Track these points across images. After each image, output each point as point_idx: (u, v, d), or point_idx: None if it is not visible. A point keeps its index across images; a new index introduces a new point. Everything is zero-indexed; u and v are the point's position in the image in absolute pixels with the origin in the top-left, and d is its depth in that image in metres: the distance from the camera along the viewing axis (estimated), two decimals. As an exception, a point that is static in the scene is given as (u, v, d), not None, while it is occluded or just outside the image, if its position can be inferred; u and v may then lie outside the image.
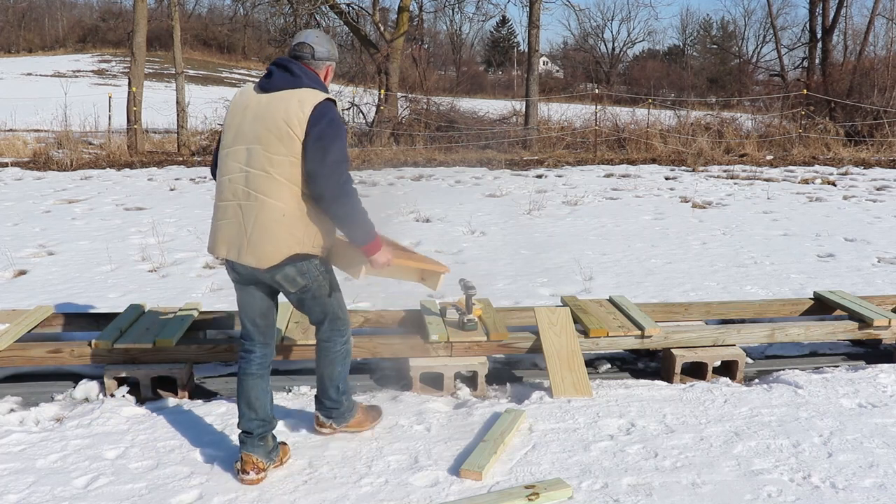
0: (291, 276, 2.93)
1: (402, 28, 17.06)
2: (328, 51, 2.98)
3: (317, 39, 2.97)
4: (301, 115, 2.77)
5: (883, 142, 16.63)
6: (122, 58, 45.76)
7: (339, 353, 3.22)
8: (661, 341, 4.25)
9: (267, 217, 2.81)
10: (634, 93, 31.11)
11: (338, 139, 2.81)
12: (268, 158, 2.80)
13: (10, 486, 2.90)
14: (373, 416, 3.45)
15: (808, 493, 2.92)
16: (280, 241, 2.83)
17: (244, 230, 2.85)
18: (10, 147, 14.65)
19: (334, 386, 3.27)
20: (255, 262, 2.85)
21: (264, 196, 2.81)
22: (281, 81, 2.86)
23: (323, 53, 2.96)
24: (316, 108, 2.79)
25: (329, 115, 2.80)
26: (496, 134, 17.00)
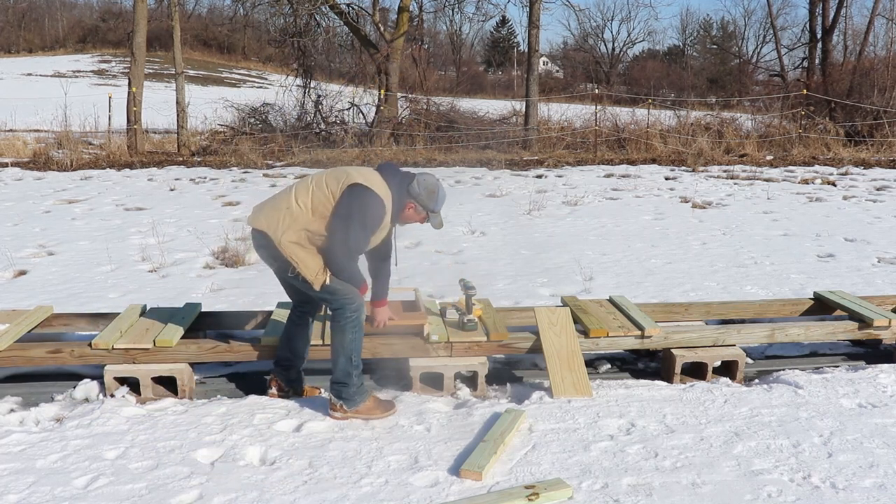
0: (266, 255, 3.54)
1: (402, 28, 17.06)
2: (418, 195, 3.50)
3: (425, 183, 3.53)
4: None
5: (883, 142, 16.63)
6: (122, 58, 45.75)
7: (349, 321, 3.47)
8: (661, 341, 4.25)
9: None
10: (634, 93, 31.11)
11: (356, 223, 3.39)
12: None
13: (10, 486, 2.90)
14: (384, 408, 3.55)
15: (808, 493, 2.92)
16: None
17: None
18: (10, 147, 14.65)
19: (346, 356, 3.49)
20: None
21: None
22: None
23: (414, 191, 3.51)
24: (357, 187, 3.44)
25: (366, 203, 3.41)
26: (496, 134, 17.00)
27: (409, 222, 3.61)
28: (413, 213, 3.53)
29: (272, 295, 5.15)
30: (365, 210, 3.34)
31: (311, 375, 4.20)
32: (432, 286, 5.91)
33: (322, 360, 4.21)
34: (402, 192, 3.49)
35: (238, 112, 16.53)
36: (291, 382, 3.84)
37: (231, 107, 16.52)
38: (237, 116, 16.48)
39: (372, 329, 3.84)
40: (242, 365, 4.33)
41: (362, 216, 3.34)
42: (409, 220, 3.58)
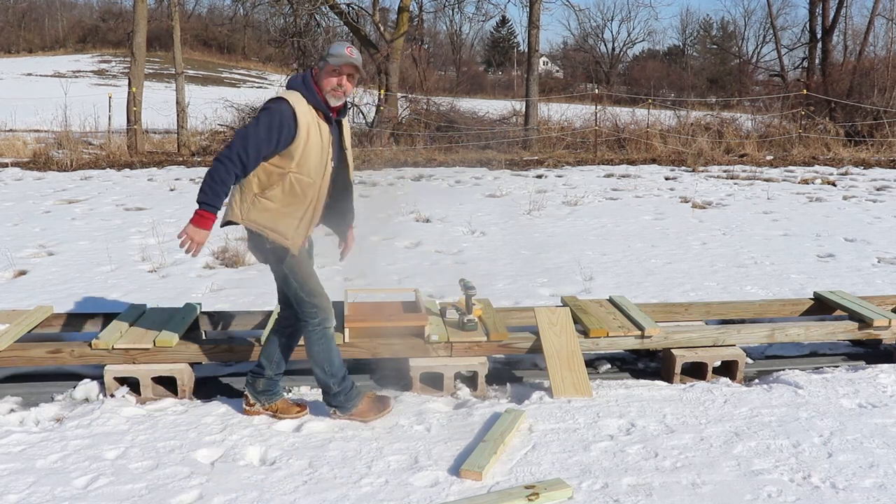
0: (252, 247, 3.43)
1: (402, 28, 17.06)
2: (319, 61, 3.36)
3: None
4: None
5: (883, 142, 16.63)
6: (122, 58, 45.75)
7: (313, 335, 3.41)
8: (661, 341, 4.25)
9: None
10: (634, 93, 31.11)
11: (254, 121, 3.19)
12: None
13: (10, 487, 2.90)
14: (378, 408, 3.52)
15: (808, 493, 2.92)
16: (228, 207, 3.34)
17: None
18: (10, 147, 14.65)
19: (319, 367, 3.46)
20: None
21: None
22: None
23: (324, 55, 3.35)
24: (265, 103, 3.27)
25: (265, 106, 3.22)
26: (496, 134, 17.00)
27: (331, 90, 3.26)
28: (323, 76, 3.26)
29: (272, 295, 5.15)
30: (266, 111, 3.18)
31: (309, 376, 4.20)
32: (432, 286, 5.91)
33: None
34: (308, 79, 3.29)
35: (238, 112, 16.54)
36: (258, 394, 3.56)
37: (231, 107, 16.52)
38: (237, 116, 16.49)
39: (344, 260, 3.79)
40: (242, 365, 4.33)
41: (263, 116, 3.17)
42: (328, 88, 3.26)
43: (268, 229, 3.26)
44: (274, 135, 3.15)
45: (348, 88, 3.30)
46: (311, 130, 3.21)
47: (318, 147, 3.24)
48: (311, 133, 3.21)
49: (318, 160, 3.24)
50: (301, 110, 3.19)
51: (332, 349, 3.46)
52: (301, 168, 3.22)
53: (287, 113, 3.16)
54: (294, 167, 3.21)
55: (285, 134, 3.16)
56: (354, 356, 4.09)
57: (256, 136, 3.13)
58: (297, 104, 3.19)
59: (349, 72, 3.26)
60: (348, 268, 6.45)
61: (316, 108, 3.25)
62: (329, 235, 3.81)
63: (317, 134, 3.24)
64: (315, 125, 3.23)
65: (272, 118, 3.15)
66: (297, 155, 3.19)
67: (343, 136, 3.44)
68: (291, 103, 3.17)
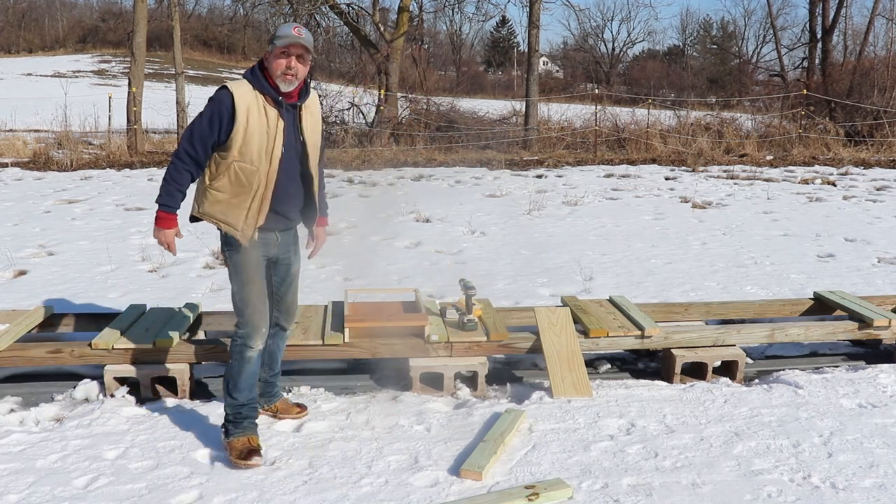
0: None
1: (402, 28, 17.06)
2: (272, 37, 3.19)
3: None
4: None
5: (883, 142, 16.63)
6: (122, 58, 45.74)
7: (233, 347, 3.26)
8: (661, 341, 4.25)
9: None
10: (634, 93, 31.11)
11: (199, 114, 3.13)
12: None
13: (10, 487, 2.90)
14: (246, 456, 3.07)
15: (808, 493, 2.92)
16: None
17: None
18: (10, 147, 14.64)
19: (225, 380, 3.30)
20: None
21: None
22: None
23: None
24: None
25: (209, 98, 3.13)
26: (496, 134, 17.00)
27: (281, 73, 3.09)
28: (272, 59, 3.10)
29: (272, 295, 5.15)
30: (209, 102, 3.11)
31: (309, 376, 4.21)
32: (432, 286, 5.91)
33: (320, 360, 4.22)
34: (257, 65, 3.17)
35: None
36: (260, 396, 3.50)
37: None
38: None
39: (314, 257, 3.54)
40: (242, 365, 4.32)
41: (206, 108, 3.12)
42: (277, 71, 3.09)
43: (220, 221, 3.18)
44: (215, 124, 3.07)
45: (300, 70, 3.12)
46: (251, 115, 3.07)
47: (260, 132, 3.08)
48: (252, 118, 3.07)
49: (260, 146, 3.09)
50: (241, 94, 3.07)
51: (244, 370, 3.21)
52: (243, 155, 3.09)
53: (226, 100, 3.06)
54: (237, 155, 3.09)
55: (226, 121, 3.06)
56: (354, 356, 4.10)
57: (200, 129, 3.08)
58: (238, 89, 3.08)
59: (297, 52, 3.09)
60: (348, 268, 6.46)
61: (263, 92, 3.11)
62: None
63: (259, 119, 3.08)
64: (258, 109, 3.08)
65: (212, 108, 3.08)
66: (238, 142, 3.07)
67: (301, 122, 3.24)
68: (231, 89, 3.08)
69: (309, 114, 3.27)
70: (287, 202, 3.23)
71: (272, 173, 3.13)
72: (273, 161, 3.12)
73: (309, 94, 3.26)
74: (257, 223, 3.16)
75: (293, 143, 3.20)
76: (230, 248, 3.21)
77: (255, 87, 3.11)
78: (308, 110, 3.26)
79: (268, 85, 3.11)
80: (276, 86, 3.11)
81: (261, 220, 3.16)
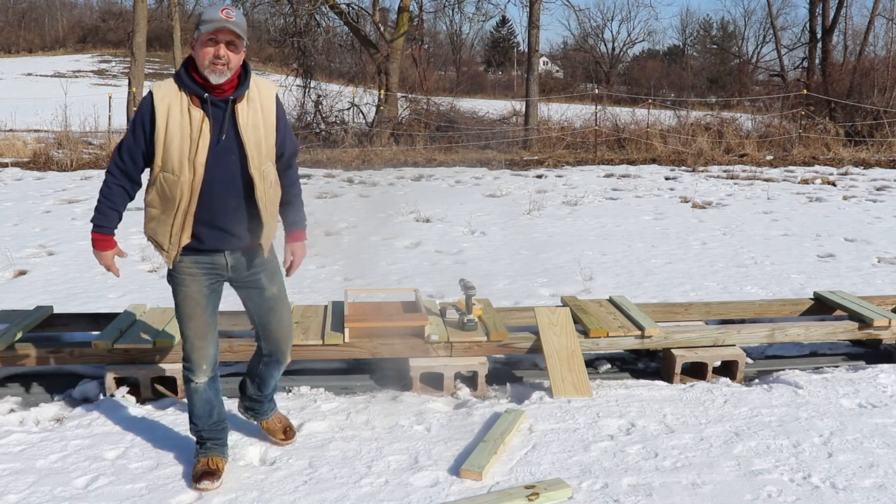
0: None
1: (402, 28, 17.06)
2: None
3: None
4: None
5: (883, 142, 16.63)
6: (122, 58, 45.75)
7: (184, 377, 3.00)
8: (661, 341, 4.25)
9: None
10: (634, 93, 31.10)
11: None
12: None
13: (10, 486, 2.90)
14: (202, 477, 2.92)
15: (808, 493, 2.92)
16: None
17: None
18: (10, 147, 14.64)
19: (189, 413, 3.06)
20: None
21: None
22: None
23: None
24: None
25: None
26: (496, 134, 17.00)
27: (209, 63, 2.67)
28: (199, 48, 2.70)
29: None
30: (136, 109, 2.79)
31: (309, 376, 4.21)
32: (432, 286, 5.91)
33: (319, 360, 4.22)
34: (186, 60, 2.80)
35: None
36: (247, 411, 3.32)
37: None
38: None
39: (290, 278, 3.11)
40: (242, 365, 4.33)
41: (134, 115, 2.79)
42: (205, 61, 2.68)
43: (153, 241, 2.86)
44: (139, 132, 2.74)
45: (232, 59, 2.69)
46: (171, 117, 2.70)
47: (181, 136, 2.70)
48: (172, 120, 2.70)
49: (181, 152, 2.70)
50: (161, 95, 2.71)
51: (195, 400, 2.99)
52: (165, 164, 2.72)
53: (146, 103, 2.73)
54: (160, 164, 2.73)
55: (148, 127, 2.72)
56: (354, 356, 4.10)
57: (127, 139, 2.78)
58: (160, 89, 2.73)
59: (227, 38, 2.67)
60: (348, 268, 6.46)
61: (187, 90, 2.72)
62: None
63: (181, 121, 2.70)
64: (180, 110, 2.70)
65: (136, 114, 2.75)
66: (160, 149, 2.72)
67: (237, 119, 2.76)
68: (153, 90, 2.74)
69: (250, 109, 2.80)
70: (225, 215, 2.80)
71: (196, 183, 2.72)
72: (196, 168, 2.71)
73: (247, 86, 2.79)
74: (181, 242, 2.79)
75: (228, 146, 2.76)
76: (171, 277, 2.90)
77: (180, 85, 2.73)
78: (248, 104, 2.80)
79: (191, 81, 2.72)
80: (204, 80, 2.71)
81: (186, 239, 2.79)
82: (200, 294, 2.87)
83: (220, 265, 2.88)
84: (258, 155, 2.80)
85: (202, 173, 2.72)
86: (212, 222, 2.79)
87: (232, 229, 2.83)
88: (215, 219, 2.79)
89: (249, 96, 2.80)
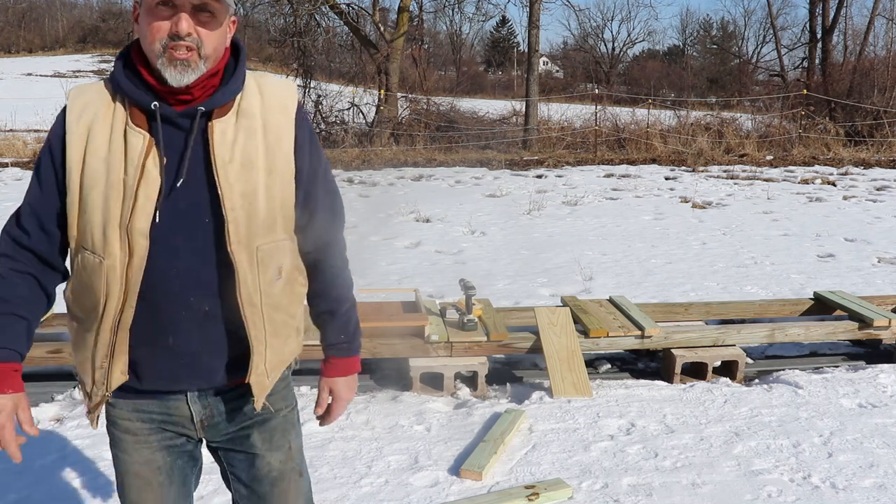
0: None
1: (402, 28, 17.06)
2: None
3: None
4: None
5: (883, 142, 16.63)
6: (122, 58, 45.72)
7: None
8: (661, 341, 4.25)
9: None
10: (634, 93, 31.11)
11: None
12: None
13: (10, 486, 2.90)
14: None
15: (808, 493, 2.92)
16: None
17: None
18: (10, 147, 14.64)
19: None
20: None
21: None
22: None
23: None
24: None
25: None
26: (496, 134, 17.01)
27: (160, 45, 1.44)
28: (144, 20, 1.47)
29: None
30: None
31: (309, 376, 4.20)
32: (432, 286, 5.91)
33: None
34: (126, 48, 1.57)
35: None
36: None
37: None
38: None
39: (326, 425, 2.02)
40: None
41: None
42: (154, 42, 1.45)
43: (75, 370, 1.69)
44: (47, 174, 1.54)
45: (205, 39, 1.46)
46: (91, 146, 1.50)
47: (105, 180, 1.48)
48: (93, 151, 1.50)
49: (104, 209, 1.48)
50: (78, 108, 1.53)
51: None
52: (83, 233, 1.53)
53: (56, 127, 1.55)
54: (75, 232, 1.55)
55: (59, 167, 1.53)
56: (354, 356, 4.09)
57: (31, 192, 1.58)
58: (77, 98, 1.56)
59: (193, 1, 1.44)
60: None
61: (125, 97, 1.51)
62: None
63: (107, 153, 1.49)
64: (106, 133, 1.50)
65: (44, 147, 1.57)
66: (73, 204, 1.52)
67: (212, 149, 1.49)
68: (67, 101, 1.58)
69: (240, 130, 1.53)
70: (186, 329, 1.56)
71: (135, 268, 1.49)
72: (135, 241, 1.48)
73: (237, 87, 1.54)
74: (111, 378, 1.58)
75: (192, 198, 1.50)
76: (109, 433, 1.83)
77: (114, 89, 1.53)
78: (239, 121, 1.53)
79: (133, 81, 1.51)
80: (156, 80, 1.48)
81: (119, 372, 1.58)
82: (151, 467, 1.72)
83: (182, 417, 1.67)
84: (249, 219, 1.51)
85: (144, 249, 1.48)
86: (162, 342, 1.56)
87: (198, 355, 1.59)
88: (168, 335, 1.56)
89: (241, 107, 1.53)
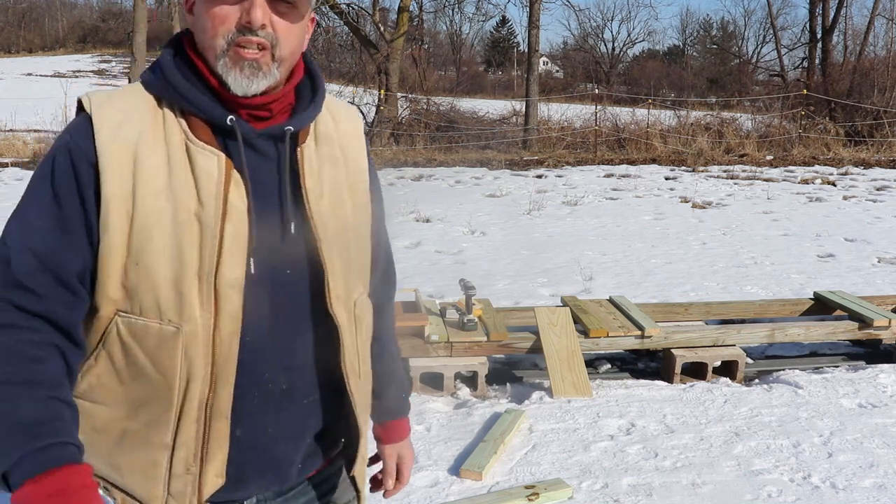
0: None
1: (402, 28, 17.06)
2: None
3: None
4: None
5: (883, 142, 16.63)
6: (122, 58, 45.74)
7: None
8: (661, 341, 4.25)
9: None
10: (634, 93, 31.11)
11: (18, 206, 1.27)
12: None
13: (10, 487, 2.90)
14: None
15: (808, 493, 2.92)
16: None
17: None
18: (9, 147, 14.64)
19: None
20: None
21: None
22: None
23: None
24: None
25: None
26: (496, 134, 17.01)
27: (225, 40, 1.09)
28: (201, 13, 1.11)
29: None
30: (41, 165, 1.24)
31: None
32: (432, 286, 5.91)
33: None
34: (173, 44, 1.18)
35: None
36: None
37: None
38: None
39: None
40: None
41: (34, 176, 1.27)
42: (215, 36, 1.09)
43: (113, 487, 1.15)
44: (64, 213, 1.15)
45: (281, 33, 1.12)
46: (140, 172, 1.10)
47: (169, 215, 1.10)
48: (144, 178, 1.10)
49: (174, 255, 1.09)
50: (112, 121, 1.12)
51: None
52: (133, 291, 1.11)
53: (77, 152, 1.13)
54: (116, 294, 1.12)
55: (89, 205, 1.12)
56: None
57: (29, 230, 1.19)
58: (107, 109, 1.13)
59: None
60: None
61: (184, 107, 1.13)
62: None
63: (165, 178, 1.11)
64: (161, 152, 1.11)
65: (54, 178, 1.18)
66: (115, 256, 1.11)
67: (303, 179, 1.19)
68: (92, 110, 1.13)
69: (322, 159, 1.24)
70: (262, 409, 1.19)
71: (225, 332, 1.12)
72: (226, 295, 1.11)
73: (317, 106, 1.23)
74: (202, 482, 1.14)
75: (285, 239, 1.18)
76: None
77: (161, 95, 1.15)
78: (319, 148, 1.24)
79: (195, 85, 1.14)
80: (220, 86, 1.14)
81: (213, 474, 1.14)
82: None
83: None
84: (346, 267, 1.24)
85: (237, 308, 1.13)
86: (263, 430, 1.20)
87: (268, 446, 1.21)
88: (256, 419, 1.19)
89: (319, 130, 1.24)
